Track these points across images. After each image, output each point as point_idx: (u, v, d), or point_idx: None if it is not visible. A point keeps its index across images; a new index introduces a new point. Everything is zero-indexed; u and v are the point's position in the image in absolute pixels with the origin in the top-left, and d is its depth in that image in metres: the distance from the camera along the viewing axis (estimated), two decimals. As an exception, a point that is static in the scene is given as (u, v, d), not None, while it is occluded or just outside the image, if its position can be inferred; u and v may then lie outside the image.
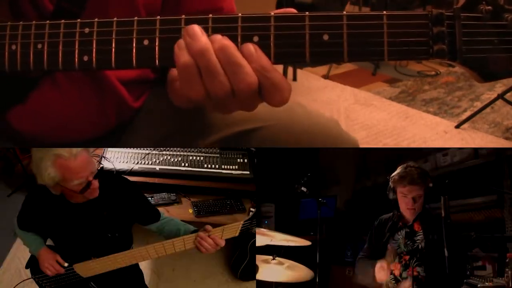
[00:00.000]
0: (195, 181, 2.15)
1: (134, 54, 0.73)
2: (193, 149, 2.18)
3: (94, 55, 0.75)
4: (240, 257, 2.28)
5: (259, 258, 1.74)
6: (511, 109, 3.44)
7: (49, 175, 1.22)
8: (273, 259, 1.73)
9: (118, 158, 2.13)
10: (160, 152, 2.16)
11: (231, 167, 2.16)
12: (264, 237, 1.71)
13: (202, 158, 2.17)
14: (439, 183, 1.45)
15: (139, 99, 1.10)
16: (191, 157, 2.17)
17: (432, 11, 0.67)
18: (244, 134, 1.00)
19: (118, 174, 1.92)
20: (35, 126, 0.99)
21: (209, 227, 1.30)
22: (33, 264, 1.47)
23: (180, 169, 2.14)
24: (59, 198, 1.33)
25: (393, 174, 1.50)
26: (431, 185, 1.46)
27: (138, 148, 2.15)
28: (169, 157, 2.16)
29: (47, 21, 0.76)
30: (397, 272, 1.45)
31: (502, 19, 0.68)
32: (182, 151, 2.17)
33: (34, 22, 0.77)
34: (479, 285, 1.41)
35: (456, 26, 0.67)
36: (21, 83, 0.92)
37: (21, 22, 0.77)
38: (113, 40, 0.74)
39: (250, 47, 0.69)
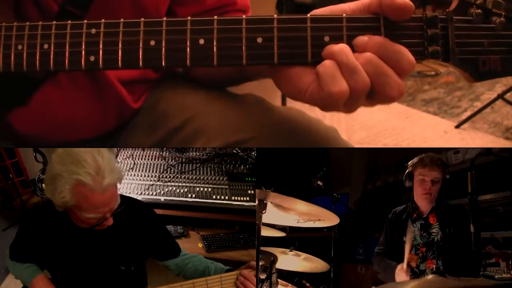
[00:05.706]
0: (203, 213, 2.01)
1: (140, 55, 0.73)
2: (200, 180, 2.05)
3: (100, 55, 0.75)
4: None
5: (277, 250, 1.74)
6: (511, 109, 3.40)
7: (62, 198, 1.04)
8: (291, 251, 1.75)
9: (121, 188, 1.97)
10: (165, 183, 2.04)
11: (241, 198, 2.02)
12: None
13: (210, 189, 2.04)
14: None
15: (139, 99, 1.09)
16: (198, 188, 2.04)
17: (427, 14, 0.70)
18: (241, 142, 0.96)
19: (138, 200, 1.65)
20: (36, 127, 0.98)
21: (255, 263, 1.15)
22: None
23: (187, 200, 2.00)
24: (63, 220, 1.15)
25: (413, 159, 1.50)
26: (448, 176, 1.46)
27: (142, 179, 2.05)
28: (174, 188, 2.03)
29: (54, 22, 0.76)
30: (413, 264, 1.45)
31: (491, 22, 0.70)
32: (188, 182, 2.05)
33: (40, 22, 0.77)
34: (496, 276, 1.42)
35: (449, 29, 0.70)
36: (23, 84, 0.91)
37: (27, 23, 0.77)
38: (120, 41, 0.74)
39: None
